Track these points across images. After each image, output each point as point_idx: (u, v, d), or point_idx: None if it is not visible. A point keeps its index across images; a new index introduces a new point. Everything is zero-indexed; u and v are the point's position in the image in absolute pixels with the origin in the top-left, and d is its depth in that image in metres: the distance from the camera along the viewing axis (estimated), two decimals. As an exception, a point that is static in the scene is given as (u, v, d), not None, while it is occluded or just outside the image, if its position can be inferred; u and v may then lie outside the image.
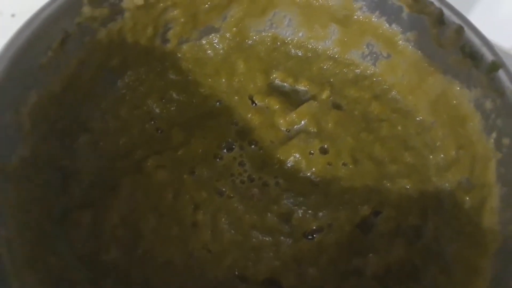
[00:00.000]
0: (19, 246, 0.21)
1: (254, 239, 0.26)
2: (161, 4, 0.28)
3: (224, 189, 0.28)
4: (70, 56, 0.25)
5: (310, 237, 0.26)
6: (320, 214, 0.26)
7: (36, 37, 0.23)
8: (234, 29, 0.32)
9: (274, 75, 0.32)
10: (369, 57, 0.31)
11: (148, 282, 0.24)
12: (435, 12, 0.25)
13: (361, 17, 0.29)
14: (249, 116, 0.31)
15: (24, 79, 0.23)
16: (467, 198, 0.24)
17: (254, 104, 0.31)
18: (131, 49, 0.29)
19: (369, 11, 0.28)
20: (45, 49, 0.24)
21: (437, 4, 0.25)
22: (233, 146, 0.30)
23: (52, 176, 0.25)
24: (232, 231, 0.26)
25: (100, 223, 0.25)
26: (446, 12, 0.25)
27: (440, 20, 0.25)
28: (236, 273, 0.25)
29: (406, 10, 0.26)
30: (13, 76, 0.22)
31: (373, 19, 0.28)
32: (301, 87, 0.32)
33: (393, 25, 0.28)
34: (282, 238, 0.26)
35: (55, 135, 0.25)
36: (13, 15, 0.64)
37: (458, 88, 0.26)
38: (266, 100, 0.31)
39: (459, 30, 0.24)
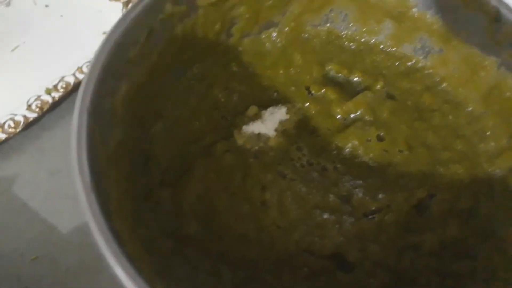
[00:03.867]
0: (118, 218, 0.23)
1: (318, 218, 0.28)
2: (230, 2, 0.30)
3: (286, 172, 0.30)
4: (152, 50, 0.28)
5: (370, 216, 0.28)
6: (379, 196, 0.28)
7: (128, 32, 0.26)
8: (292, 24, 0.34)
9: (329, 67, 0.34)
10: (421, 51, 0.33)
11: (225, 254, 0.26)
12: (491, 10, 0.27)
13: (416, 14, 0.31)
14: (306, 105, 0.33)
15: (117, 71, 0.25)
16: (520, 183, 0.26)
17: (310, 94, 0.33)
18: (200, 43, 0.31)
19: (425, 8, 0.30)
20: (134, 43, 0.26)
21: (493, 2, 0.27)
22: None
23: (137, 158, 0.28)
24: (297, 209, 0.28)
25: (179, 201, 0.28)
26: (503, 10, 0.26)
27: (496, 18, 0.27)
28: (304, 247, 0.27)
29: (461, 8, 0.28)
30: (109, 68, 0.25)
31: (427, 16, 0.30)
32: (355, 78, 0.34)
33: (448, 22, 0.30)
34: (344, 217, 0.28)
35: (137, 121, 0.28)
36: (47, 6, 0.67)
37: (512, 81, 0.27)
38: (323, 90, 0.33)
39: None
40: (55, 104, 0.60)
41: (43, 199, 0.56)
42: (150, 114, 0.30)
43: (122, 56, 0.25)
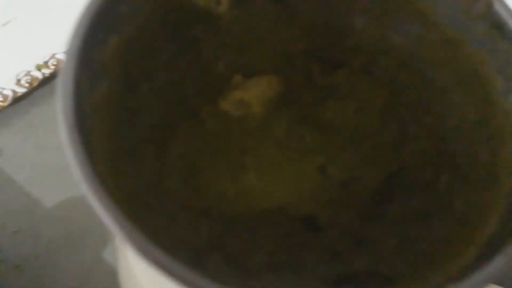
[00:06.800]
0: (102, 166, 0.24)
1: (294, 184, 0.30)
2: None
3: (266, 139, 0.32)
4: (144, 7, 0.28)
5: (343, 186, 0.30)
6: (354, 167, 0.30)
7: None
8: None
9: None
10: (401, 31, 0.34)
11: (205, 209, 0.28)
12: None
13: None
14: (289, 76, 0.34)
15: (107, 23, 0.26)
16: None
17: (294, 66, 0.35)
18: (190, 8, 0.32)
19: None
20: (125, -1, 0.27)
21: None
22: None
23: (122, 114, 0.28)
24: (274, 175, 0.30)
25: (162, 157, 0.29)
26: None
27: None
28: (279, 210, 0.29)
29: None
30: (99, 18, 0.25)
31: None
32: (337, 53, 0.35)
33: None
34: (319, 185, 0.30)
35: (124, 78, 0.29)
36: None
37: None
38: (306, 63, 0.34)
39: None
40: (45, 81, 0.59)
41: (29, 173, 0.56)
42: (138, 73, 0.30)
43: (112, 9, 0.26)
